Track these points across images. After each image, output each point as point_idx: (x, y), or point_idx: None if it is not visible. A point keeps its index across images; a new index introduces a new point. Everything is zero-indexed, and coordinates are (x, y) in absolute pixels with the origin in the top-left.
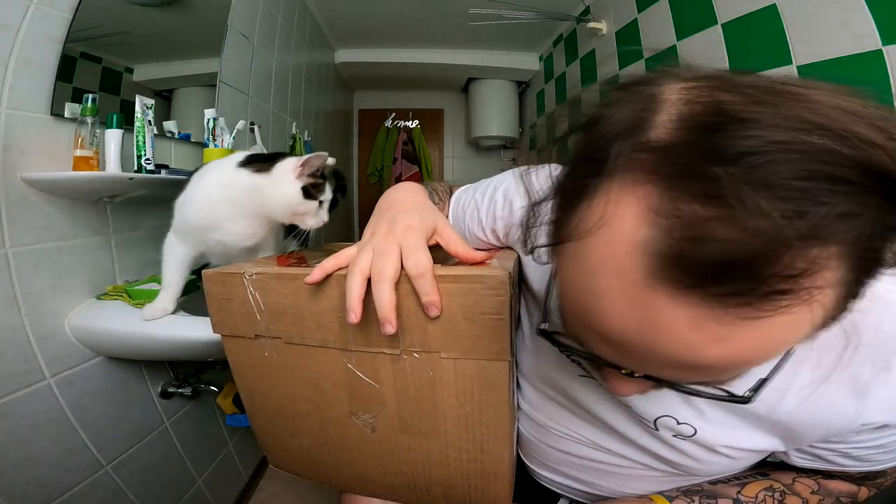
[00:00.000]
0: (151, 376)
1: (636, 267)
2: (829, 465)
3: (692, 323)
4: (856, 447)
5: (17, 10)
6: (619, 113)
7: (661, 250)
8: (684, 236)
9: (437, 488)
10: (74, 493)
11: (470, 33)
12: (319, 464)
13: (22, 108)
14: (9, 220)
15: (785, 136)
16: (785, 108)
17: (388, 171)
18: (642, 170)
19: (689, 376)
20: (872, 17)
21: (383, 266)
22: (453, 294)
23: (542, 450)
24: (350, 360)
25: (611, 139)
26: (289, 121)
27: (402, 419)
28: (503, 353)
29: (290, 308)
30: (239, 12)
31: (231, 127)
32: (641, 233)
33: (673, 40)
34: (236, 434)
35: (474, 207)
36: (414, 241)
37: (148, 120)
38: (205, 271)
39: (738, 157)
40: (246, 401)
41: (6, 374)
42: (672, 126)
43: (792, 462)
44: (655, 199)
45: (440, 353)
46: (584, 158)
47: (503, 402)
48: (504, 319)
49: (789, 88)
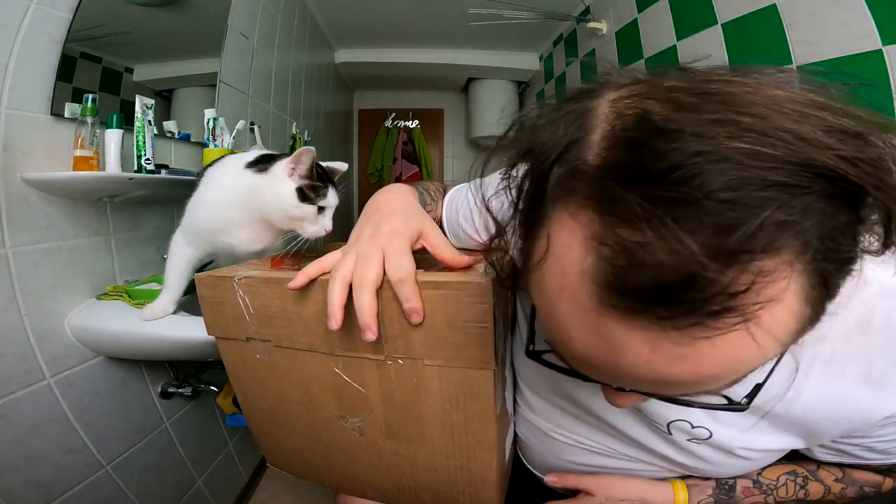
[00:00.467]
0: (151, 376)
1: (586, 295)
2: (854, 458)
3: (650, 343)
4: (879, 441)
5: (17, 10)
6: (554, 136)
7: (605, 278)
8: (624, 263)
9: (427, 493)
10: (74, 493)
11: (470, 33)
12: (313, 464)
13: (22, 108)
14: (9, 220)
15: (708, 145)
16: (708, 113)
17: (388, 171)
18: (582, 195)
19: (667, 391)
20: (872, 17)
21: (365, 271)
22: (436, 301)
23: (550, 458)
24: (336, 365)
25: (548, 166)
26: (289, 121)
27: (389, 424)
28: (487, 362)
29: (278, 312)
30: (239, 12)
31: (231, 127)
32: (587, 261)
33: (673, 40)
34: (236, 434)
35: (467, 207)
36: (397, 245)
37: (148, 120)
38: (197, 275)
39: (662, 176)
40: (242, 401)
41: (6, 374)
42: (602, 146)
43: (816, 457)
44: (595, 227)
45: (424, 361)
46: (529, 188)
47: (488, 411)
48: (487, 327)
49: (717, 87)
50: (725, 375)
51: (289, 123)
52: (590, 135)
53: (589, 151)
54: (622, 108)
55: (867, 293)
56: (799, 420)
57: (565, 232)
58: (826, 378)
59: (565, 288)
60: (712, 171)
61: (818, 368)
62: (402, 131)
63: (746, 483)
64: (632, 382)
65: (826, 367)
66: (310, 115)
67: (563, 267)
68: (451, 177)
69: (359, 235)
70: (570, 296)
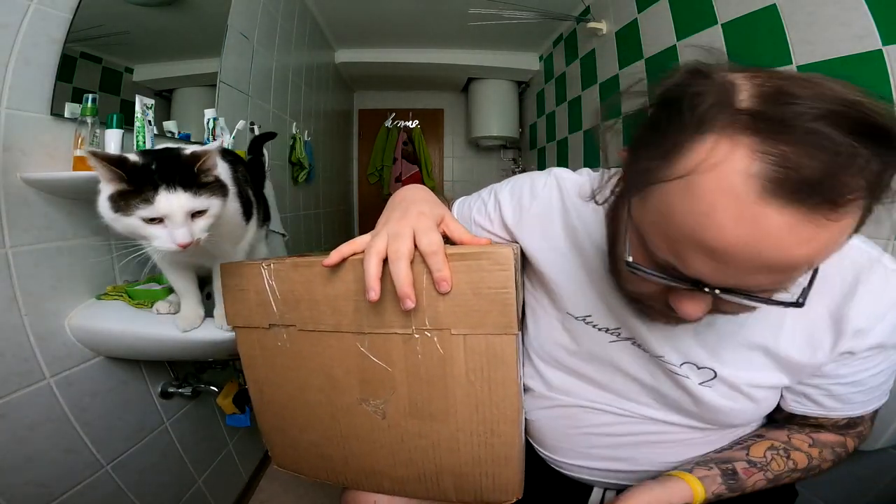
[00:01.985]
0: (151, 376)
1: (751, 191)
2: (817, 407)
3: (791, 228)
4: (836, 383)
5: (17, 10)
6: (707, 90)
7: (770, 176)
8: (786, 165)
9: (448, 477)
10: (74, 492)
11: (470, 33)
12: (327, 459)
13: (22, 108)
14: (9, 220)
15: (822, 105)
16: (817, 89)
17: (388, 171)
18: (742, 126)
19: (767, 281)
20: (872, 17)
21: (399, 246)
22: (461, 271)
23: (571, 437)
24: (363, 343)
25: (707, 108)
26: (289, 121)
27: (413, 402)
28: (510, 327)
29: (304, 295)
30: (239, 12)
31: (231, 127)
32: (754, 167)
33: (673, 40)
34: (236, 434)
35: (480, 202)
36: (426, 224)
37: (148, 120)
38: (221, 264)
39: (799, 116)
40: (255, 395)
41: (6, 374)
42: (754, 100)
43: (788, 407)
44: (759, 145)
45: (451, 330)
46: (677, 123)
47: (512, 379)
48: (510, 292)
49: (812, 77)
50: (819, 258)
51: (289, 123)
52: (738, 94)
53: (744, 102)
54: (759, 82)
55: None
56: (782, 353)
57: (723, 150)
58: (800, 312)
59: (726, 190)
60: (830, 122)
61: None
62: (402, 131)
63: (743, 465)
64: (753, 269)
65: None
66: (310, 115)
67: (728, 172)
68: (451, 177)
69: (388, 219)
70: (731, 192)
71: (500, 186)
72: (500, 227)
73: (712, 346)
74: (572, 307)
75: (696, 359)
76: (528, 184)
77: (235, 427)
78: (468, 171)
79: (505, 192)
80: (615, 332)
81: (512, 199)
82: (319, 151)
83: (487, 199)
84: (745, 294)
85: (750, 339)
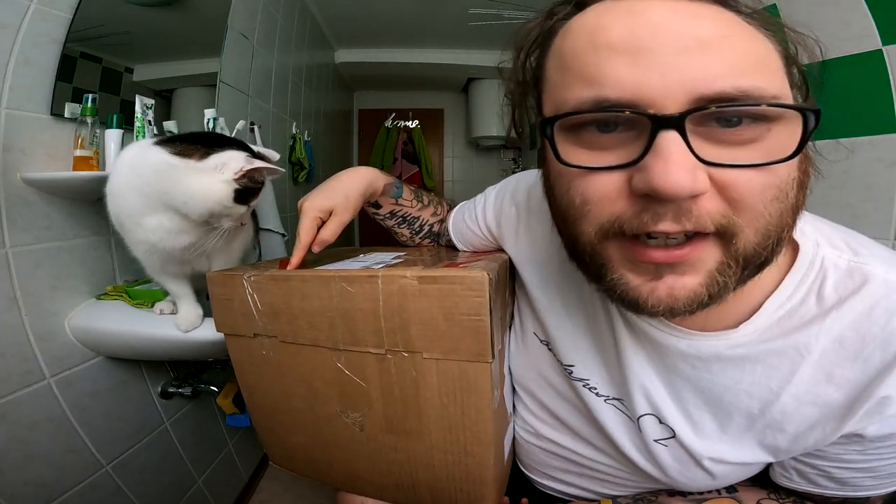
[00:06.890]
0: (151, 376)
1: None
2: (811, 485)
3: (670, 7)
4: (836, 466)
5: (17, 10)
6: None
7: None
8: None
9: (424, 490)
10: (74, 493)
11: (470, 33)
12: (315, 461)
13: (22, 108)
14: (9, 220)
15: None
16: None
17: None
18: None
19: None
20: (872, 17)
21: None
22: (433, 295)
23: (540, 458)
24: (339, 359)
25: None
26: (289, 121)
27: (388, 419)
28: (484, 355)
29: (283, 308)
30: (239, 12)
31: (231, 127)
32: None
33: None
34: (236, 434)
35: (472, 207)
36: (310, 215)
37: (148, 120)
38: (208, 273)
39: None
40: (247, 398)
41: (6, 374)
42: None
43: (773, 477)
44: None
45: (422, 354)
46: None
47: (485, 405)
48: (483, 320)
49: None
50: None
51: (289, 123)
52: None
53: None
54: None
55: (868, 290)
56: (775, 423)
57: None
58: (810, 380)
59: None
60: None
61: (805, 371)
62: (402, 131)
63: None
64: (662, 55)
65: (813, 371)
66: (310, 115)
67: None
68: (451, 177)
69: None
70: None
71: (490, 189)
72: (487, 233)
73: (688, 405)
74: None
75: (665, 412)
76: (512, 186)
77: (235, 427)
78: (468, 171)
79: (492, 196)
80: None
81: (495, 202)
82: (319, 151)
83: (478, 203)
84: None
85: (736, 404)
